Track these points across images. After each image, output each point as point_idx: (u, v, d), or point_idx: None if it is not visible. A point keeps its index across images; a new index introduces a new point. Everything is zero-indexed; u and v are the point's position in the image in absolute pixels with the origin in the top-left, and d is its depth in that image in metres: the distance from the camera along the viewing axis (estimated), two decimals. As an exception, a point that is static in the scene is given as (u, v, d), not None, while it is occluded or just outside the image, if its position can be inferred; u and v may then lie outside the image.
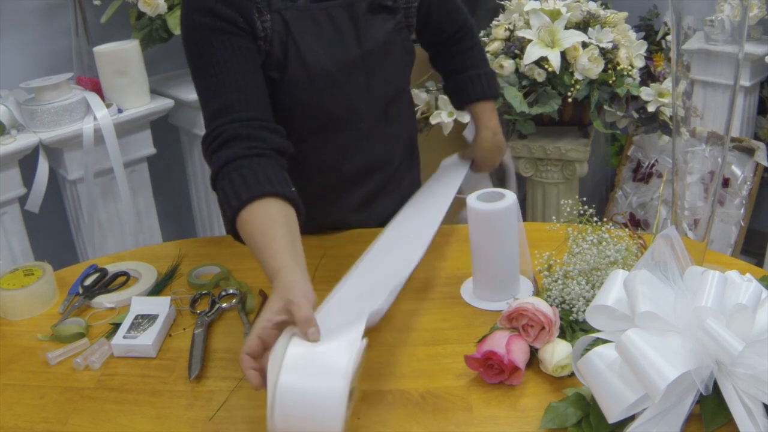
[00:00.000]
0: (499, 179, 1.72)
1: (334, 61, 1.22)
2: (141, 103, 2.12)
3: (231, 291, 1.22)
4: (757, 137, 2.64)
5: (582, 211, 1.12)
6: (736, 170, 2.56)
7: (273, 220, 0.99)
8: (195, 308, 1.20)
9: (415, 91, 2.22)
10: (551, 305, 1.02)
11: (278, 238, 0.96)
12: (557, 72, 2.05)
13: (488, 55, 2.17)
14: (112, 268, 1.32)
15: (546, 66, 2.06)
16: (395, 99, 1.36)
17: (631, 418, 0.81)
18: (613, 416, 0.80)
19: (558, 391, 0.94)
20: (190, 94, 2.19)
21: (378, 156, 1.38)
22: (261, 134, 1.10)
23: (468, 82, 1.47)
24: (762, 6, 2.35)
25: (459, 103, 1.52)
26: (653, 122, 2.22)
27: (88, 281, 1.28)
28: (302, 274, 0.92)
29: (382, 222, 1.44)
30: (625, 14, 2.22)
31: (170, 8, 2.05)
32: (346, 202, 1.39)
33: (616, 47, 2.12)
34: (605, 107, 2.18)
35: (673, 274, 0.85)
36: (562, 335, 1.00)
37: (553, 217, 1.18)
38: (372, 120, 1.32)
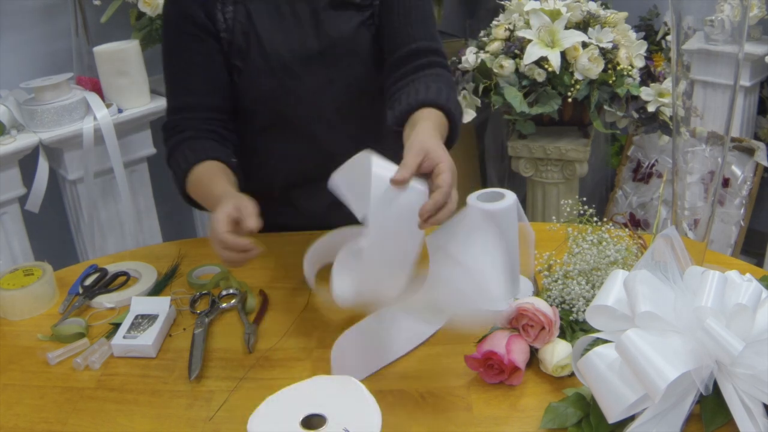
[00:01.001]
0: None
1: (291, 51, 1.25)
2: (141, 103, 2.12)
3: (231, 291, 1.22)
4: (757, 137, 2.64)
5: (582, 211, 1.11)
6: (736, 170, 2.56)
7: (212, 172, 1.19)
8: (195, 308, 1.20)
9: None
10: (551, 305, 1.02)
11: (219, 180, 1.16)
12: (557, 72, 2.05)
13: (488, 55, 2.17)
14: (112, 268, 1.32)
15: (546, 66, 2.06)
16: (376, 98, 1.33)
17: (631, 418, 0.81)
18: (613, 416, 0.80)
19: (558, 391, 0.94)
20: (190, 94, 2.19)
21: (356, 151, 1.34)
22: (213, 128, 1.28)
23: (409, 90, 1.20)
24: (762, 6, 2.35)
25: (393, 117, 1.18)
26: (653, 122, 2.22)
27: (88, 281, 1.28)
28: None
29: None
30: (625, 14, 2.22)
31: (170, 8, 2.05)
32: (321, 199, 1.36)
33: (616, 47, 2.12)
34: (605, 107, 2.18)
35: (673, 274, 0.85)
36: (562, 335, 1.00)
37: (553, 217, 1.18)
38: (343, 114, 1.32)
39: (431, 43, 1.30)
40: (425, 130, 1.05)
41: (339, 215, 1.38)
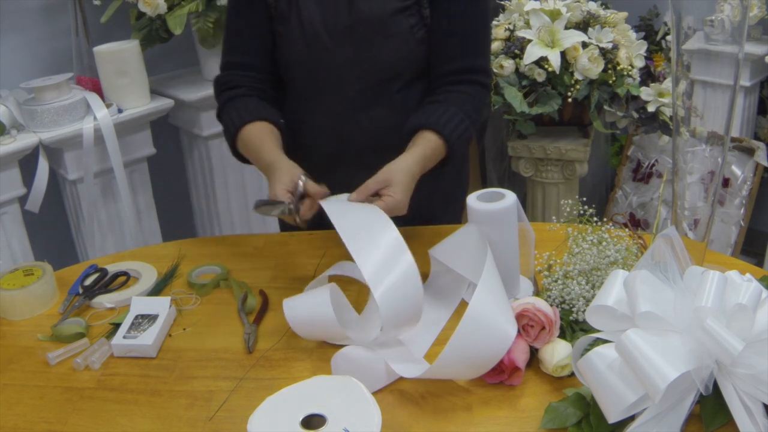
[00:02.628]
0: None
1: (323, 22, 1.28)
2: (141, 103, 2.12)
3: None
4: (757, 137, 2.64)
5: (582, 211, 1.11)
6: (736, 170, 2.56)
7: (263, 133, 1.30)
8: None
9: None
10: (551, 305, 1.02)
11: (268, 144, 1.27)
12: (557, 72, 2.05)
13: (488, 55, 2.17)
14: (112, 268, 1.32)
15: (546, 66, 2.06)
16: (405, 88, 1.34)
17: (631, 418, 0.81)
18: (613, 416, 0.80)
19: (558, 391, 0.94)
20: (190, 94, 2.19)
21: (379, 139, 1.35)
22: (262, 86, 1.38)
23: (426, 108, 1.29)
24: (762, 6, 2.35)
25: (404, 129, 1.29)
26: (653, 122, 2.22)
27: (88, 281, 1.28)
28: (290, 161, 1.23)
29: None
30: (625, 14, 2.22)
31: (170, 8, 2.05)
32: (349, 183, 1.37)
33: (616, 47, 2.12)
34: (605, 107, 2.18)
35: (673, 274, 0.85)
36: (562, 335, 1.00)
37: (553, 217, 1.18)
38: (367, 98, 1.33)
39: (477, 61, 1.33)
40: (405, 163, 1.20)
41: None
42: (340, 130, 1.36)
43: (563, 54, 2.07)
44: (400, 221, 1.14)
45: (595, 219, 1.10)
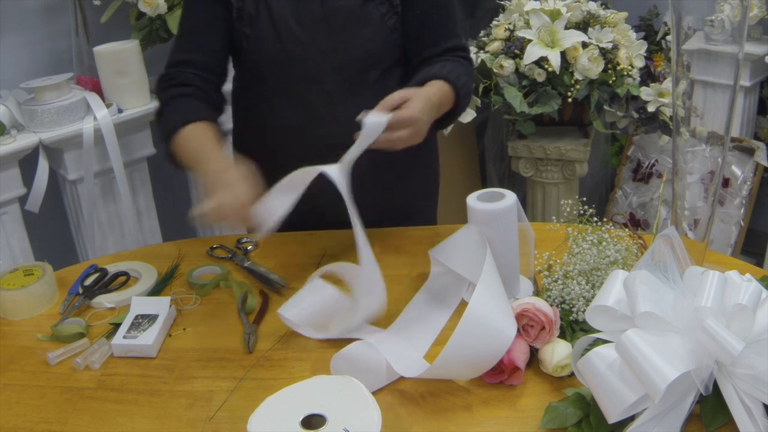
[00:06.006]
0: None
1: (296, 16, 1.29)
2: (141, 103, 2.11)
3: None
4: (757, 137, 2.64)
5: (582, 211, 1.11)
6: (736, 170, 2.56)
7: (204, 136, 1.27)
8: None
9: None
10: (551, 305, 1.02)
11: (212, 145, 1.26)
12: (557, 72, 2.05)
13: (488, 55, 2.17)
14: (112, 268, 1.32)
15: (546, 66, 2.06)
16: (382, 77, 1.35)
17: (631, 418, 0.81)
18: (613, 416, 0.80)
19: (558, 391, 0.94)
20: (190, 94, 2.19)
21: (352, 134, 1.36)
22: (205, 87, 1.35)
23: (429, 67, 1.32)
24: (762, 6, 2.35)
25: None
26: (653, 122, 2.22)
27: (88, 281, 1.28)
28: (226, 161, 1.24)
29: (373, 217, 1.38)
30: (625, 14, 2.22)
31: (170, 8, 2.05)
32: (327, 185, 1.37)
33: (616, 47, 2.12)
34: (605, 107, 2.18)
35: (673, 274, 0.85)
36: (562, 335, 1.00)
37: (553, 217, 1.18)
38: (345, 88, 1.34)
39: (456, 41, 1.38)
40: (421, 89, 1.19)
41: (337, 202, 1.36)
42: (319, 126, 1.36)
43: (563, 54, 2.07)
44: (377, 221, 1.14)
45: (595, 219, 1.10)
